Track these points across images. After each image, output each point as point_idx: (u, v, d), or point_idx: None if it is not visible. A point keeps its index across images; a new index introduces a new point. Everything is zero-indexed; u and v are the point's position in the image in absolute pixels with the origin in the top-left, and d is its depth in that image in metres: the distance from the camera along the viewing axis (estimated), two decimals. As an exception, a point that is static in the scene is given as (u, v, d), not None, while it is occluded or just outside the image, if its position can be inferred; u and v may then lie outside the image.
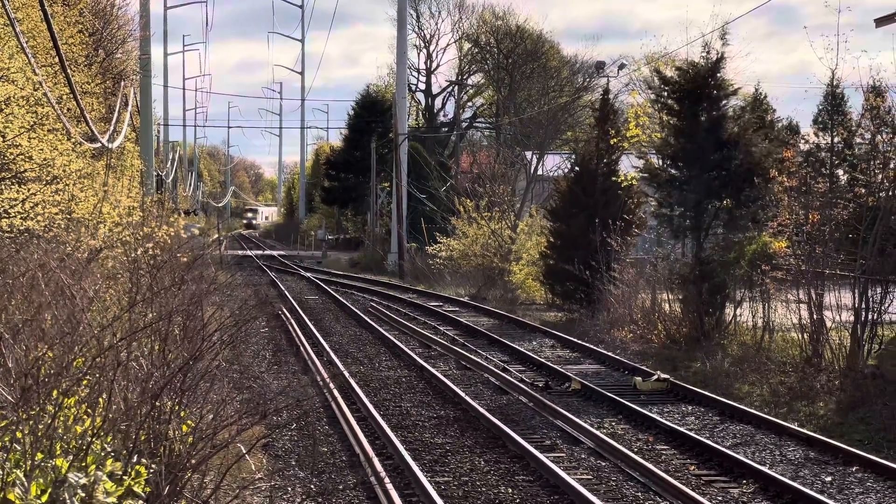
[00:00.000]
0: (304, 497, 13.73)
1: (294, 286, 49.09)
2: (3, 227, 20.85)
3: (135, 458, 8.86)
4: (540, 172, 62.65)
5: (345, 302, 39.89)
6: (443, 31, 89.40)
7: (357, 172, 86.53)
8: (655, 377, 22.20)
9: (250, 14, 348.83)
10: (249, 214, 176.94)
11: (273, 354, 26.25)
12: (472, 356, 25.89)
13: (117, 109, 33.01)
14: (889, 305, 22.49)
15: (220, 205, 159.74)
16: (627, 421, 19.02)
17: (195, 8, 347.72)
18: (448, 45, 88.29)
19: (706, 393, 20.85)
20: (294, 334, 29.43)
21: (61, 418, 8.53)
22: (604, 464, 15.82)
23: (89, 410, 9.04)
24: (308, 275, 55.82)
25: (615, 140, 34.03)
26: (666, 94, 28.73)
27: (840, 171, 25.54)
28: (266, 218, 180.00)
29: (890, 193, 23.03)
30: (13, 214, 21.28)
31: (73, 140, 24.42)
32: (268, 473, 14.28)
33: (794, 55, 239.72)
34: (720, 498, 14.16)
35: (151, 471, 8.98)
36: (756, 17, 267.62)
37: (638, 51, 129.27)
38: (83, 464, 8.19)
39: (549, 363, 24.72)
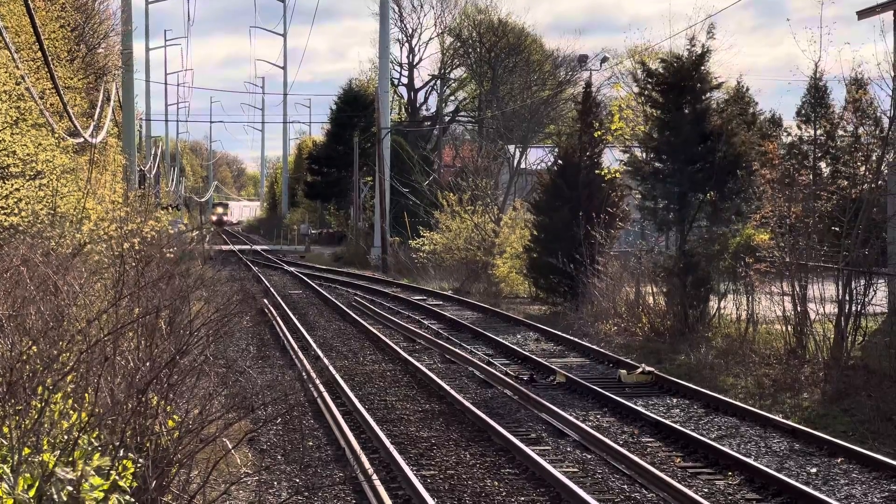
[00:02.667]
0: (291, 492, 13.71)
1: (278, 281, 49.01)
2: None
3: (121, 453, 8.83)
4: (523, 166, 62.62)
5: (328, 296, 39.84)
6: (425, 26, 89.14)
7: (340, 167, 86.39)
8: (640, 370, 22.23)
9: (233, 9, 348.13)
10: (220, 210, 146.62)
11: (258, 349, 26.23)
12: (457, 350, 25.89)
13: (100, 104, 32.89)
14: (872, 297, 22.57)
15: (202, 200, 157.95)
16: (612, 414, 19.05)
17: (177, 3, 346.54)
18: (430, 39, 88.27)
19: (691, 385, 20.89)
20: (278, 329, 29.39)
21: (48, 413, 8.50)
22: (589, 456, 15.85)
23: (76, 405, 9.01)
24: (291, 269, 55.73)
25: (598, 133, 34.09)
26: (650, 87, 28.81)
27: (823, 164, 25.61)
28: (232, 213, 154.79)
29: (872, 186, 23.10)
30: (-4, 211, 21.16)
31: (56, 135, 24.33)
32: (254, 468, 14.27)
33: (781, 48, 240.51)
34: (706, 490, 14.19)
35: (138, 465, 8.96)
36: (742, 10, 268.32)
37: (622, 44, 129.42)
38: (70, 458, 8.16)
39: (533, 356, 24.74)
